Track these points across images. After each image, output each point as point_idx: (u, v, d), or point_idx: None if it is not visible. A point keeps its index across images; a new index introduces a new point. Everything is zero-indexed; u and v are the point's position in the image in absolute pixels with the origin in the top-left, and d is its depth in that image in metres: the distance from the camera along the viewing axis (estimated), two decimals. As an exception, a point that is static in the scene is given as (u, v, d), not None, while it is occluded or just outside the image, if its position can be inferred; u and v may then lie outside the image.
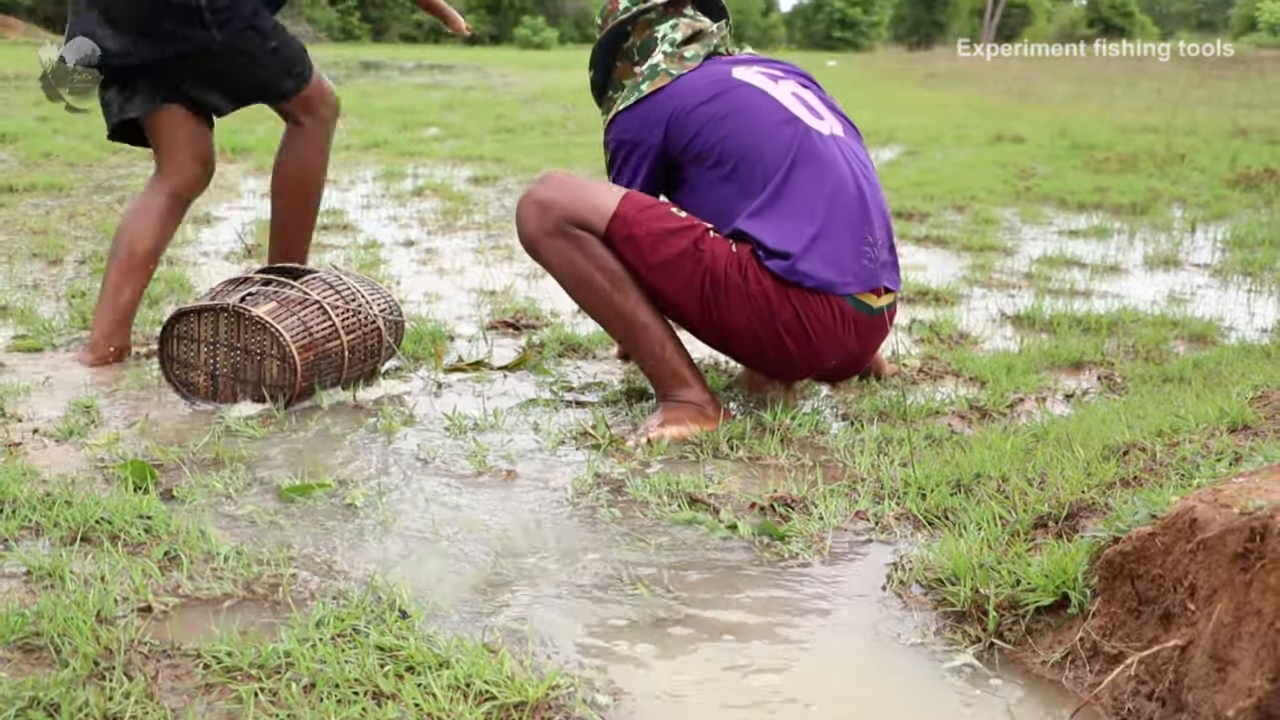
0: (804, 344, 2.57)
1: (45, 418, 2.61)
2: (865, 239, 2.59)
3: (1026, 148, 9.11)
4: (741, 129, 2.61)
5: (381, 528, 2.07)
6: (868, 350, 2.72)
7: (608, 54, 2.88)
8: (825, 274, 2.52)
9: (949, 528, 2.03)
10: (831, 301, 2.54)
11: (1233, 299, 4.21)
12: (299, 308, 2.74)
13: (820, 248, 2.52)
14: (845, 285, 2.55)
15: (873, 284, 2.60)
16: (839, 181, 2.58)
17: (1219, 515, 1.40)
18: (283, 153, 3.33)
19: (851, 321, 2.58)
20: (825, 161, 2.59)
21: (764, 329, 2.55)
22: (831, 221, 2.55)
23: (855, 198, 2.60)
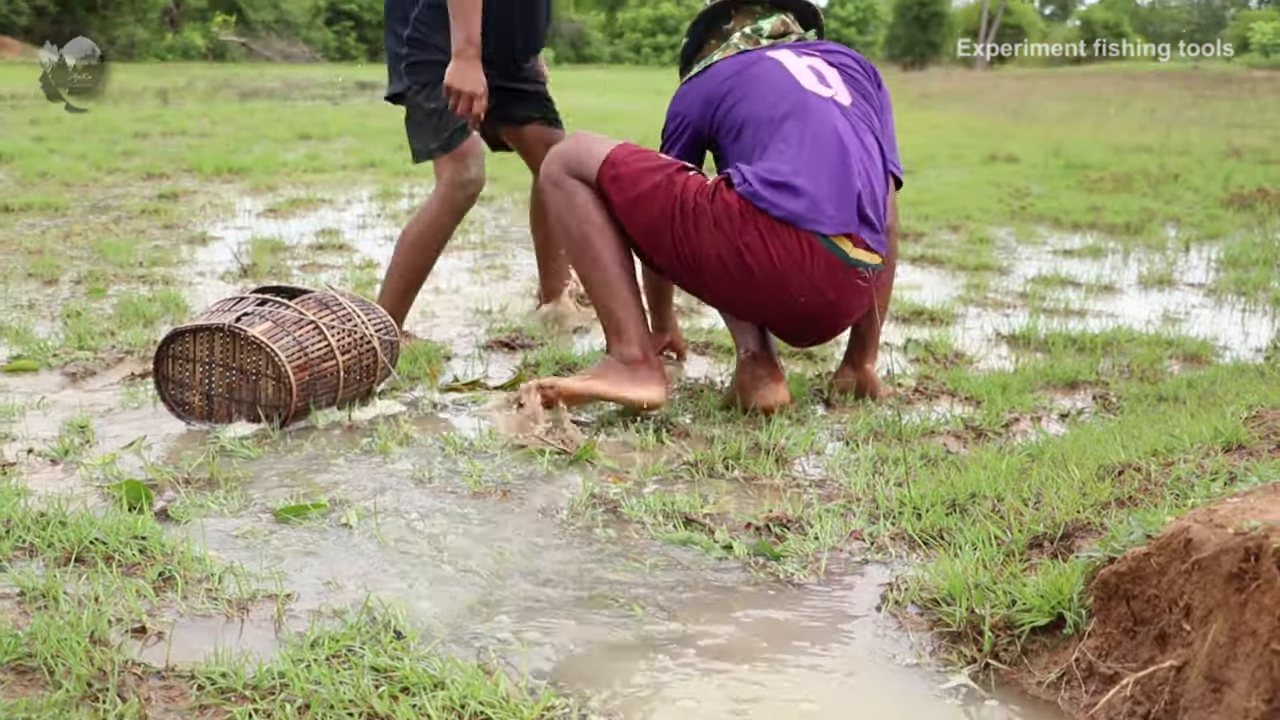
0: (768, 267, 2.63)
1: (40, 437, 2.61)
2: (845, 187, 2.66)
3: (1021, 167, 9.14)
4: (751, 97, 2.77)
5: (376, 548, 2.07)
6: (843, 301, 2.73)
7: (703, 27, 3.06)
8: (793, 206, 2.61)
9: (944, 548, 2.03)
10: (799, 235, 2.62)
11: (1227, 319, 4.22)
12: (294, 328, 2.74)
13: (792, 183, 2.63)
14: (816, 222, 2.62)
15: (847, 229, 2.65)
16: (820, 131, 2.69)
17: (1214, 535, 1.40)
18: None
19: (823, 259, 2.64)
20: (812, 115, 2.71)
21: (728, 249, 2.63)
22: (809, 165, 2.65)
23: (837, 149, 2.68)
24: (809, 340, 2.96)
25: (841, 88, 2.85)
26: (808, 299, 2.69)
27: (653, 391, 2.75)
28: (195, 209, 6.24)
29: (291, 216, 6.11)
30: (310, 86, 21.32)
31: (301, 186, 7.20)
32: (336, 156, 8.88)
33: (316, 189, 7.09)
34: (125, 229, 5.51)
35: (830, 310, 2.75)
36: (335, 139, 10.34)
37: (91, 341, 3.39)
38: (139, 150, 8.84)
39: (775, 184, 2.64)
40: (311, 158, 8.65)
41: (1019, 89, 24.17)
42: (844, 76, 2.90)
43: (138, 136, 9.92)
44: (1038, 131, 12.79)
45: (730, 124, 2.81)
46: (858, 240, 2.68)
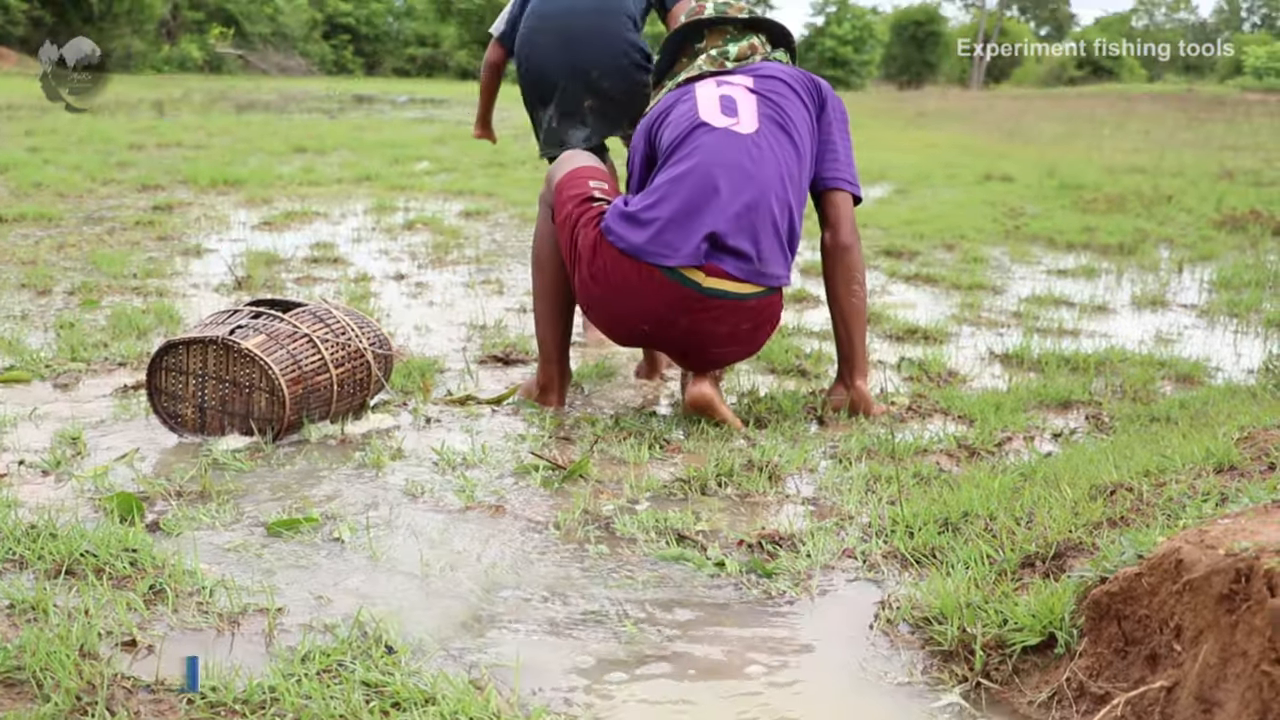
0: (607, 295, 2.82)
1: (32, 449, 2.60)
2: (698, 221, 2.72)
3: (1015, 187, 9.17)
4: (669, 127, 2.90)
5: (369, 562, 2.07)
6: (701, 328, 2.82)
7: (677, 47, 3.16)
8: (634, 239, 2.74)
9: (936, 566, 2.03)
10: (640, 266, 2.74)
11: (1219, 340, 4.23)
12: (288, 341, 2.74)
13: (642, 217, 2.74)
14: (658, 255, 2.72)
15: (695, 262, 2.72)
16: (695, 165, 2.77)
17: (1205, 556, 1.40)
18: None
19: (669, 289, 2.74)
20: (693, 149, 2.80)
21: (582, 273, 2.84)
22: (667, 198, 2.75)
23: (704, 183, 2.75)
24: (697, 364, 2.98)
25: (751, 117, 2.88)
26: (651, 327, 2.85)
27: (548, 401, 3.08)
28: (190, 221, 6.24)
29: (286, 229, 6.11)
30: (306, 99, 21.34)
31: (297, 199, 7.20)
32: (332, 170, 8.88)
33: (312, 202, 7.09)
34: (119, 240, 5.51)
35: (690, 336, 2.84)
36: (331, 152, 10.35)
37: (84, 353, 3.38)
38: (134, 162, 8.84)
39: (628, 217, 2.77)
40: (307, 171, 8.66)
41: (1014, 109, 24.25)
42: (763, 103, 2.92)
43: (133, 148, 9.92)
44: (1032, 151, 12.83)
45: (658, 154, 2.93)
46: (713, 270, 2.74)
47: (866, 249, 5.95)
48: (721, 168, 2.77)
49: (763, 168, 2.81)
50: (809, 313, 4.44)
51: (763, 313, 2.86)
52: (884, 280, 5.22)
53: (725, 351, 2.93)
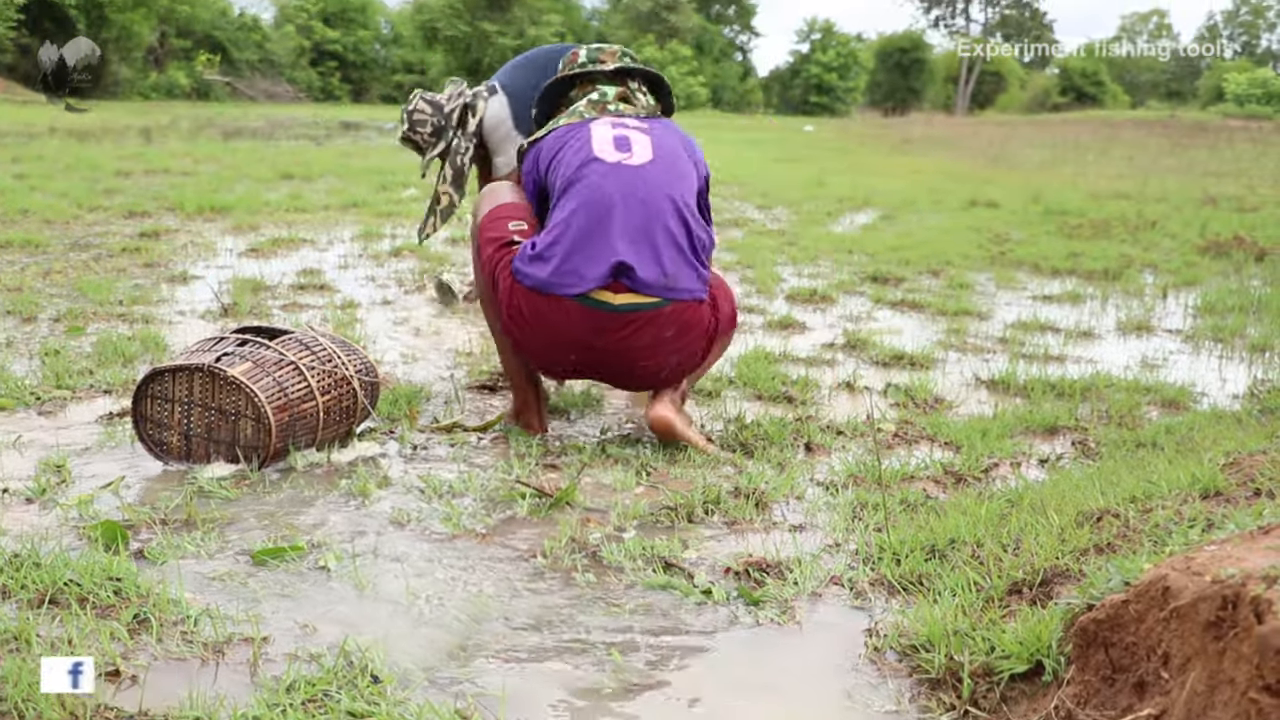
0: (527, 333, 2.92)
1: (16, 476, 2.59)
2: (602, 246, 2.82)
3: (1000, 213, 9.21)
4: (561, 163, 2.97)
5: (355, 591, 2.06)
6: (623, 345, 2.89)
7: (555, 98, 3.25)
8: (541, 275, 2.84)
9: (924, 594, 2.02)
10: (552, 300, 2.84)
11: (1204, 365, 4.25)
12: (274, 368, 2.73)
13: (545, 254, 2.85)
14: (564, 286, 2.83)
15: (602, 283, 2.81)
16: (592, 197, 2.87)
17: (1191, 583, 1.40)
18: None
19: (582, 315, 2.84)
20: (589, 183, 2.89)
21: (504, 315, 2.95)
22: (567, 232, 2.85)
23: (602, 212, 2.85)
24: (634, 384, 3.10)
25: (645, 150, 2.97)
26: (577, 356, 2.94)
27: (528, 424, 3.12)
28: (176, 248, 6.23)
29: (273, 256, 6.11)
30: (294, 126, 21.37)
31: (283, 226, 7.20)
32: (319, 196, 8.88)
33: (298, 229, 7.09)
34: (106, 267, 5.50)
35: (615, 356, 2.92)
36: (318, 179, 10.35)
37: (70, 380, 3.37)
38: (121, 188, 8.83)
39: (533, 257, 2.87)
40: (294, 197, 8.65)
41: (999, 135, 24.40)
42: (655, 141, 3.01)
43: (120, 174, 9.91)
44: (1017, 177, 12.90)
45: (550, 189, 3.00)
46: (620, 288, 2.83)
47: (853, 274, 5.98)
48: (615, 195, 2.86)
49: (654, 191, 2.90)
50: (795, 339, 4.45)
51: (682, 318, 2.91)
52: (869, 306, 5.24)
53: (656, 364, 2.96)
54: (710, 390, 3.58)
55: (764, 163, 15.13)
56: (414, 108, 4.16)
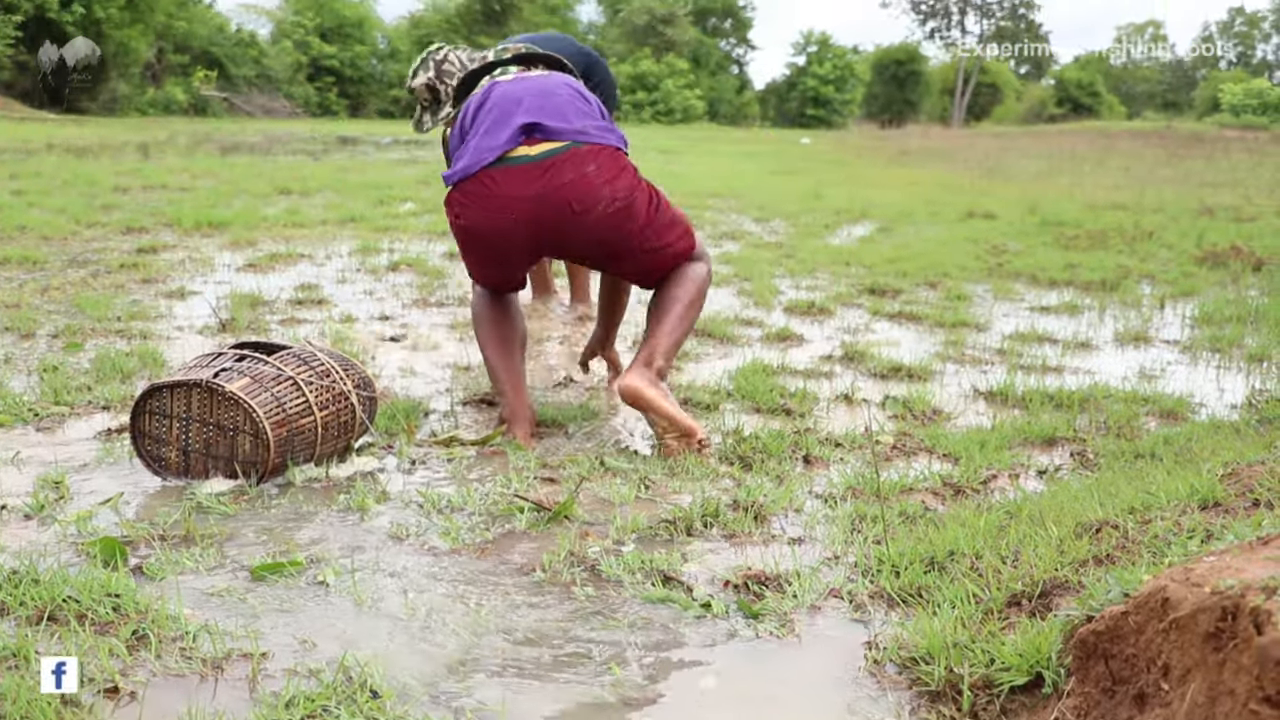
0: (474, 215, 3.12)
1: (14, 493, 2.59)
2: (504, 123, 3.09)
3: (997, 224, 9.22)
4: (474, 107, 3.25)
5: (354, 606, 2.06)
6: (562, 189, 3.07)
7: (467, 88, 3.49)
8: (461, 164, 3.11)
9: (923, 606, 2.02)
10: (476, 178, 3.07)
11: (1202, 375, 4.25)
12: (273, 384, 2.73)
13: (463, 154, 3.14)
14: (480, 161, 3.07)
15: (513, 145, 3.06)
16: (497, 103, 3.16)
17: (1190, 594, 1.40)
18: None
19: (505, 177, 3.06)
20: (492, 98, 3.19)
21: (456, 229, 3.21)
22: (478, 129, 3.14)
23: (502, 106, 3.14)
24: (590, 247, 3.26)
25: (538, 72, 3.35)
26: (518, 212, 3.09)
27: (516, 431, 3.18)
28: (174, 263, 6.24)
29: (271, 271, 6.11)
30: (291, 141, 21.40)
31: (281, 241, 7.21)
32: (316, 211, 8.89)
33: (296, 244, 7.09)
34: (104, 283, 5.50)
35: (547, 202, 3.07)
36: (315, 194, 10.36)
37: (68, 396, 3.37)
38: (119, 204, 8.84)
39: (458, 159, 3.16)
40: (291, 212, 8.66)
41: (995, 146, 24.46)
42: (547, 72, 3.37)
43: (118, 190, 9.92)
44: (1014, 189, 12.92)
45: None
46: (533, 141, 3.06)
47: (850, 286, 5.99)
48: (520, 91, 3.18)
49: (553, 82, 3.24)
50: (793, 351, 4.45)
51: (599, 158, 3.10)
52: (867, 318, 5.24)
53: (594, 207, 3.10)
54: (708, 403, 3.58)
55: (760, 175, 15.15)
56: (444, 57, 4.19)
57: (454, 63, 4.12)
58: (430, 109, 4.12)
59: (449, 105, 4.01)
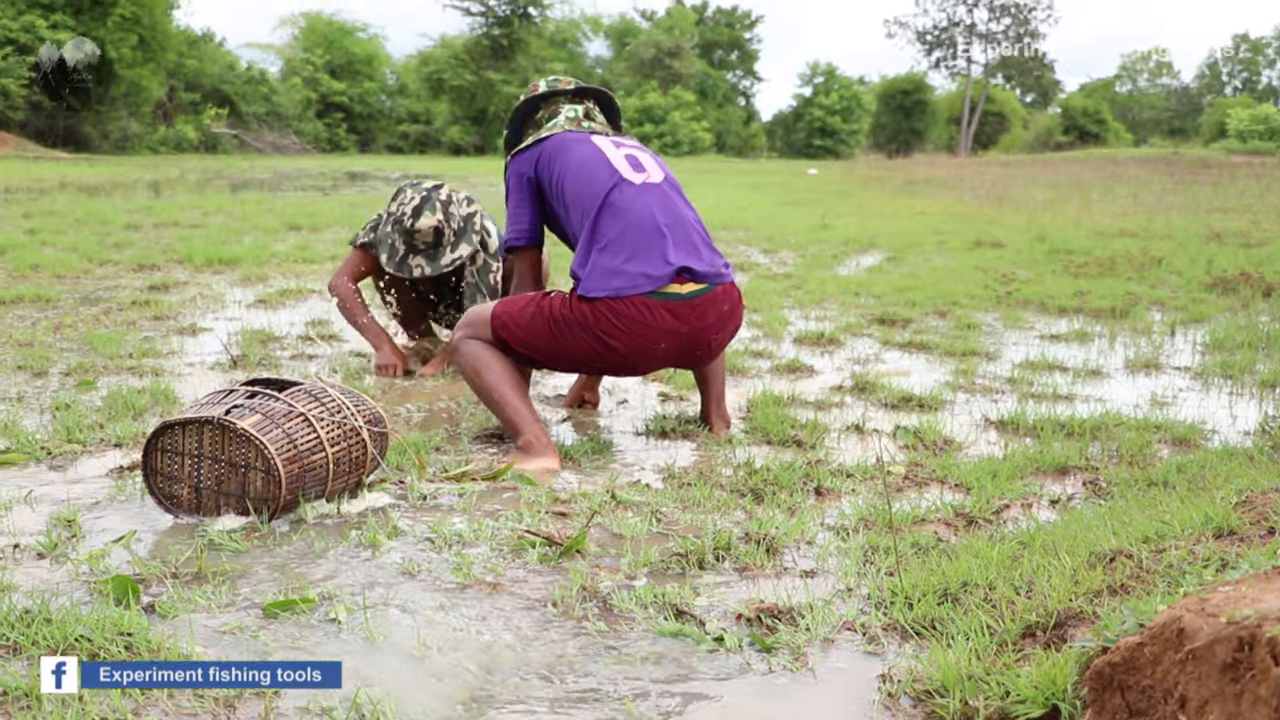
0: (626, 339, 3.27)
1: (27, 531, 2.59)
2: (659, 251, 3.29)
3: (1006, 253, 9.22)
4: (574, 174, 3.43)
5: (365, 643, 2.05)
6: (702, 326, 3.35)
7: (522, 120, 3.76)
8: (618, 284, 3.25)
9: (937, 638, 2.01)
10: (633, 301, 3.25)
11: (1214, 402, 4.24)
12: (284, 420, 2.74)
13: (618, 269, 3.26)
14: (636, 287, 3.25)
15: (669, 281, 3.27)
16: (635, 218, 3.32)
17: (1206, 625, 1.39)
18: None
19: (661, 309, 3.27)
20: (628, 205, 3.34)
21: (592, 339, 3.29)
22: (627, 248, 3.28)
23: (650, 227, 3.32)
24: (704, 358, 3.52)
25: (655, 169, 3.49)
26: (668, 344, 3.32)
27: (546, 461, 3.26)
28: (186, 300, 6.26)
29: (281, 307, 6.14)
30: (301, 177, 21.51)
31: (292, 277, 7.24)
32: (326, 247, 8.93)
33: (306, 279, 7.12)
34: (116, 320, 5.52)
35: (694, 339, 3.36)
36: (325, 229, 10.41)
37: (80, 434, 3.38)
38: (130, 242, 8.89)
39: (606, 272, 3.26)
40: (301, 248, 8.70)
41: (1002, 175, 24.49)
42: (654, 159, 3.57)
43: (129, 228, 9.97)
44: (1022, 217, 12.93)
45: (558, 193, 3.47)
46: (683, 279, 3.30)
47: (860, 316, 5.99)
48: (655, 214, 3.35)
49: (678, 204, 3.45)
50: (803, 382, 4.45)
51: (730, 295, 3.44)
52: (877, 348, 5.24)
53: (721, 337, 3.47)
54: (720, 434, 3.57)
55: (769, 206, 15.19)
56: (448, 197, 4.49)
57: (456, 204, 4.48)
58: (427, 253, 4.42)
59: (449, 252, 4.42)
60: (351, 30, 47.50)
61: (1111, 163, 30.68)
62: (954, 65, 61.92)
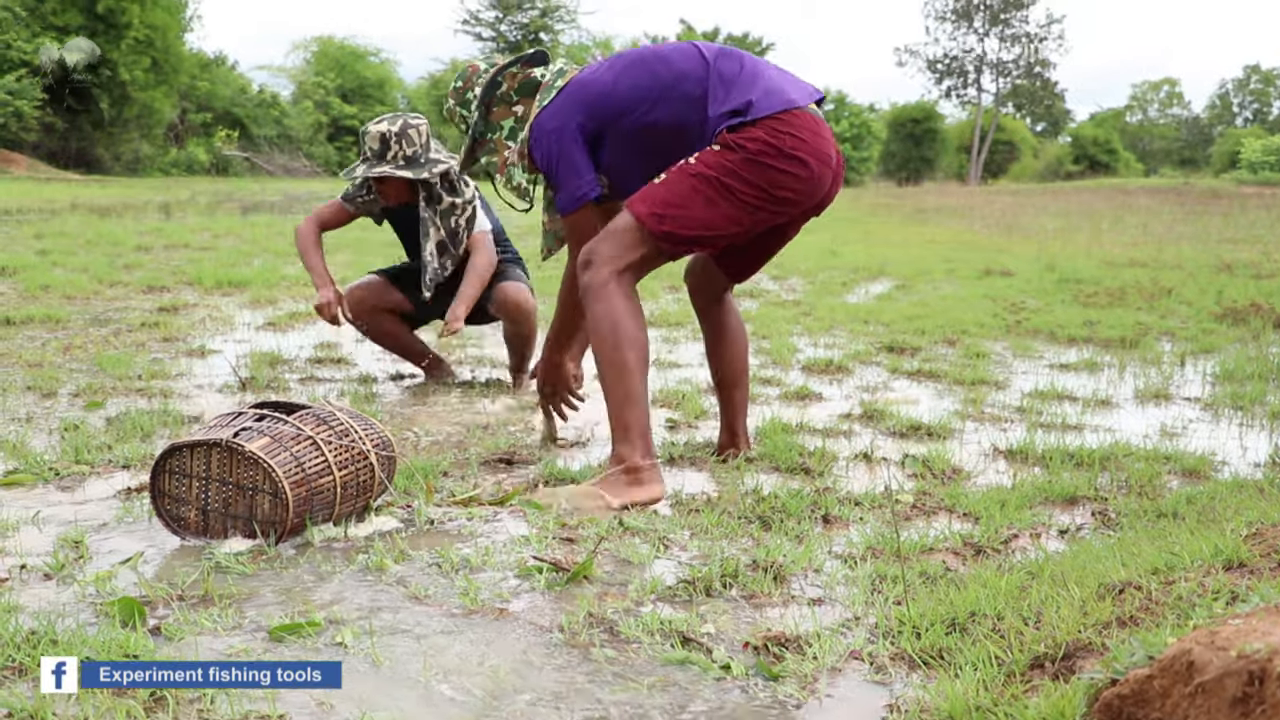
0: (811, 150, 3.07)
1: (34, 552, 2.59)
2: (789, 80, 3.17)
3: (1015, 281, 9.22)
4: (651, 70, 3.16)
5: (372, 668, 2.05)
6: (838, 151, 3.23)
7: (485, 105, 3.47)
8: (786, 97, 3.08)
9: (945, 668, 2.00)
10: (804, 114, 3.08)
11: (1224, 433, 4.23)
12: (292, 443, 2.74)
13: (770, 89, 3.08)
14: (798, 102, 3.09)
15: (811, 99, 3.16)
16: (746, 59, 3.17)
17: (1216, 658, 1.39)
18: None
19: (822, 125, 3.14)
20: (728, 51, 3.18)
21: (775, 169, 3.05)
22: (759, 78, 3.11)
23: (762, 63, 3.19)
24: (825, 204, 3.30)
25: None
26: (836, 158, 3.19)
27: (654, 490, 3.08)
28: (195, 322, 6.28)
29: (290, 330, 6.15)
30: (311, 200, 21.58)
31: (301, 300, 7.26)
32: (336, 270, 8.91)
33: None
34: (125, 342, 5.54)
35: (839, 172, 3.25)
36: (335, 253, 10.43)
37: (88, 455, 3.38)
38: (140, 263, 8.92)
39: (766, 93, 3.07)
40: (312, 271, 8.71)
41: (1012, 204, 24.51)
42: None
43: (140, 250, 10.01)
44: (1031, 246, 12.94)
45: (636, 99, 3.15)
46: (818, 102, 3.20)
47: (869, 344, 5.98)
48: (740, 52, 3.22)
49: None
50: (812, 409, 4.44)
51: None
52: (886, 376, 5.23)
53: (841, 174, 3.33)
54: (728, 461, 3.57)
55: (778, 233, 15.20)
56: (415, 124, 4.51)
57: (420, 134, 4.48)
58: (370, 161, 4.46)
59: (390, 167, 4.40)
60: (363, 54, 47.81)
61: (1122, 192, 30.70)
62: (964, 94, 62.14)
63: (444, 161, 4.52)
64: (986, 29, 60.24)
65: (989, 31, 60.26)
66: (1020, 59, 60.62)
